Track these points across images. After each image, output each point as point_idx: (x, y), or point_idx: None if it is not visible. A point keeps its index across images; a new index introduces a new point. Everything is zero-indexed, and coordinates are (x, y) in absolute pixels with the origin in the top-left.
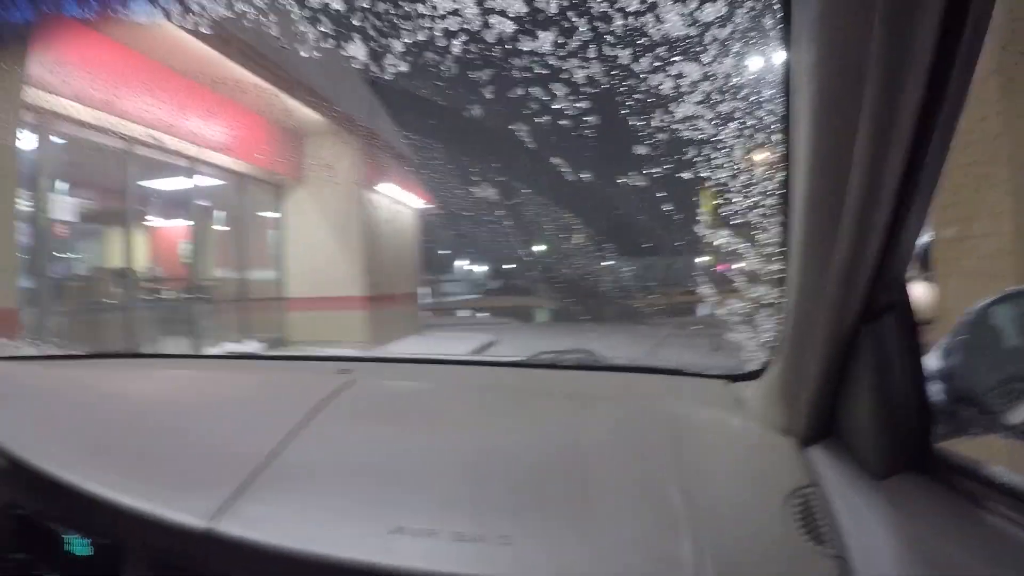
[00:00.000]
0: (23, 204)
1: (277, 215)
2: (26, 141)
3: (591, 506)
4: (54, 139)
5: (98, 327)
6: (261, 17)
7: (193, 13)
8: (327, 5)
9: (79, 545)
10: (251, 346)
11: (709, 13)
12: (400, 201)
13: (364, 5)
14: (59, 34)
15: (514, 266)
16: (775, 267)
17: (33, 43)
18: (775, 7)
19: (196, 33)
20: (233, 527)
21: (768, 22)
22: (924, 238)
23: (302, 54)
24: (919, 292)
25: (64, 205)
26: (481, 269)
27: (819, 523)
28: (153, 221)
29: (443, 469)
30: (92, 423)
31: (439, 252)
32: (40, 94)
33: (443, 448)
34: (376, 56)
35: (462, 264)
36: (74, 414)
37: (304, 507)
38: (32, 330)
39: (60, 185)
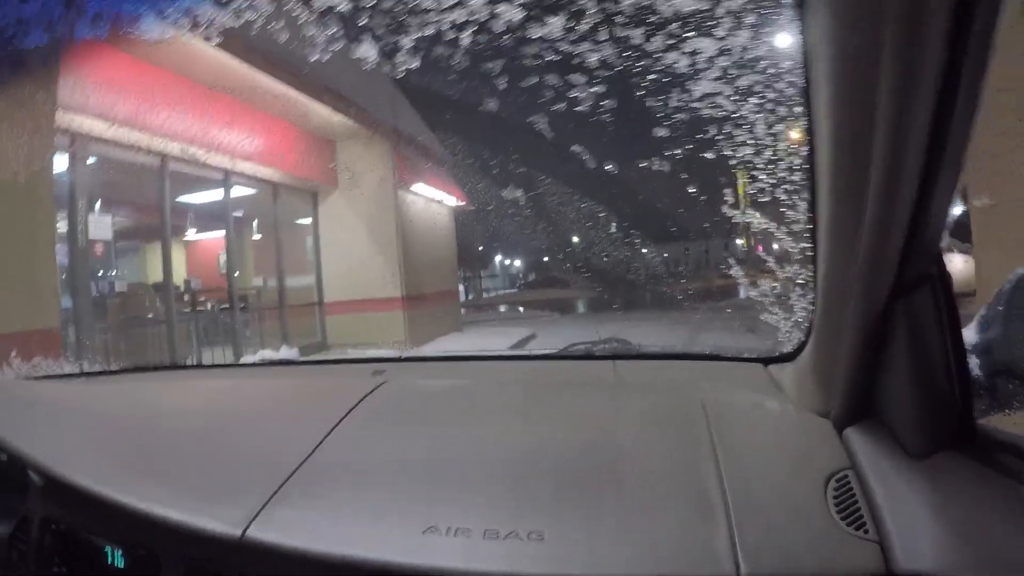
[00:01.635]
0: (60, 225)
1: (312, 221)
2: (60, 163)
3: (626, 499)
4: (88, 160)
5: (138, 342)
6: (282, 24)
7: (214, 25)
8: (336, 7)
9: (116, 557)
10: (290, 352)
11: None
12: (434, 199)
13: (370, 4)
14: (87, 56)
15: (550, 258)
16: (806, 245)
17: (63, 66)
18: None
19: (220, 45)
20: (266, 533)
21: None
22: (959, 208)
23: (326, 59)
24: (957, 263)
25: (100, 224)
26: (518, 263)
27: (858, 507)
28: (189, 234)
29: (475, 466)
30: (129, 437)
31: (476, 248)
32: (72, 116)
33: (475, 445)
34: (393, 54)
35: (499, 259)
36: (111, 428)
37: (337, 510)
38: (73, 348)
39: (96, 204)
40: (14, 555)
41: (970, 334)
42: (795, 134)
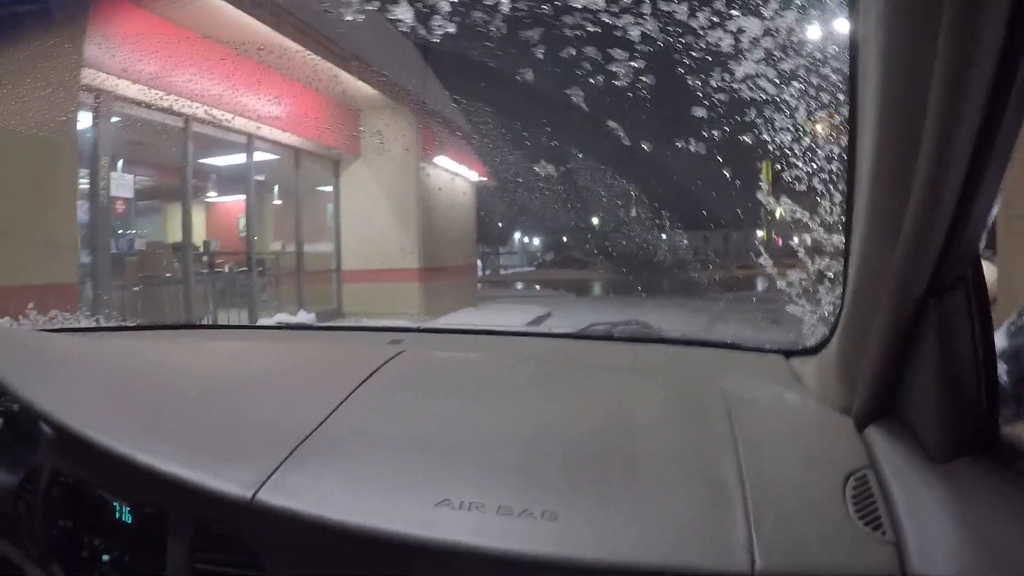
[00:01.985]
0: (83, 182)
1: (333, 189)
2: (85, 120)
3: (642, 482)
4: (112, 118)
5: (155, 300)
6: None
7: None
8: None
9: (124, 512)
10: (307, 317)
11: None
12: (456, 173)
13: None
14: (115, 12)
15: (570, 237)
16: (838, 238)
17: (90, 21)
18: None
19: (246, 7)
20: (277, 497)
21: None
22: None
23: (354, 25)
24: (987, 269)
25: (122, 182)
26: (537, 240)
27: (876, 507)
28: (210, 196)
29: (491, 441)
30: (142, 394)
31: (496, 224)
32: (97, 74)
33: (491, 420)
34: (422, 18)
35: (518, 235)
36: (125, 385)
37: (349, 478)
38: (90, 304)
39: (119, 163)
40: (21, 506)
41: (1000, 339)
42: (835, 122)
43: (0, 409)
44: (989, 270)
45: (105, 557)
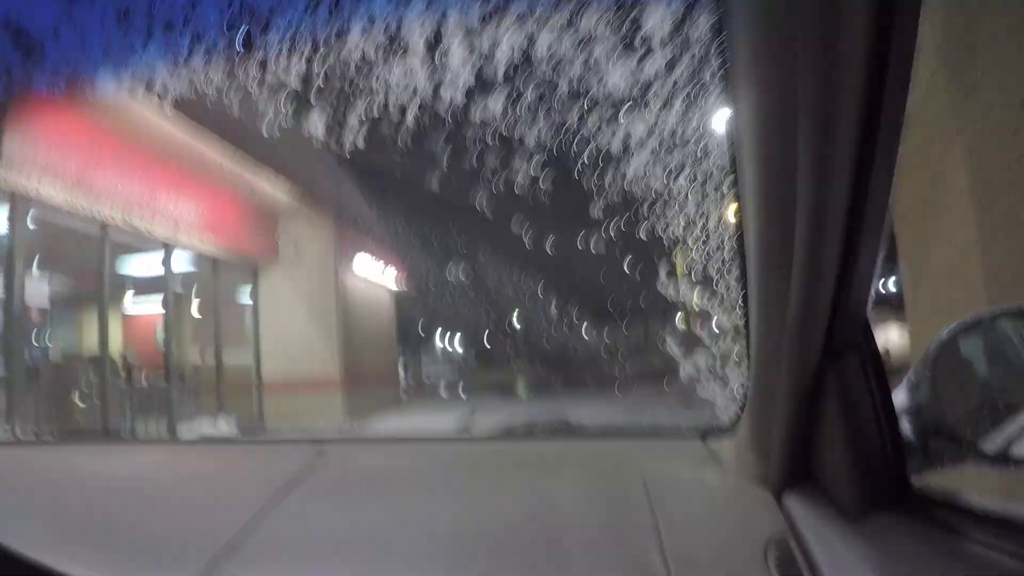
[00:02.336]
0: None
1: (252, 297)
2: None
3: (568, 571)
4: (27, 221)
5: (71, 413)
6: (232, 97)
7: (166, 94)
8: (285, 83)
9: None
10: (227, 429)
11: (648, 69)
12: (374, 280)
13: (320, 85)
14: (35, 112)
15: (489, 340)
16: (738, 320)
17: (8, 119)
18: (713, 61)
19: (168, 112)
20: None
21: (707, 75)
22: (887, 279)
23: (273, 133)
24: (893, 336)
25: (38, 289)
26: (459, 344)
27: (799, 570)
28: (127, 307)
29: (416, 542)
30: (64, 505)
31: (416, 330)
32: (14, 174)
33: (418, 521)
34: (334, 131)
35: (439, 341)
36: (45, 496)
37: None
38: (4, 415)
39: (33, 269)
40: None
41: (900, 396)
42: (724, 211)
43: None
44: (903, 335)
45: None
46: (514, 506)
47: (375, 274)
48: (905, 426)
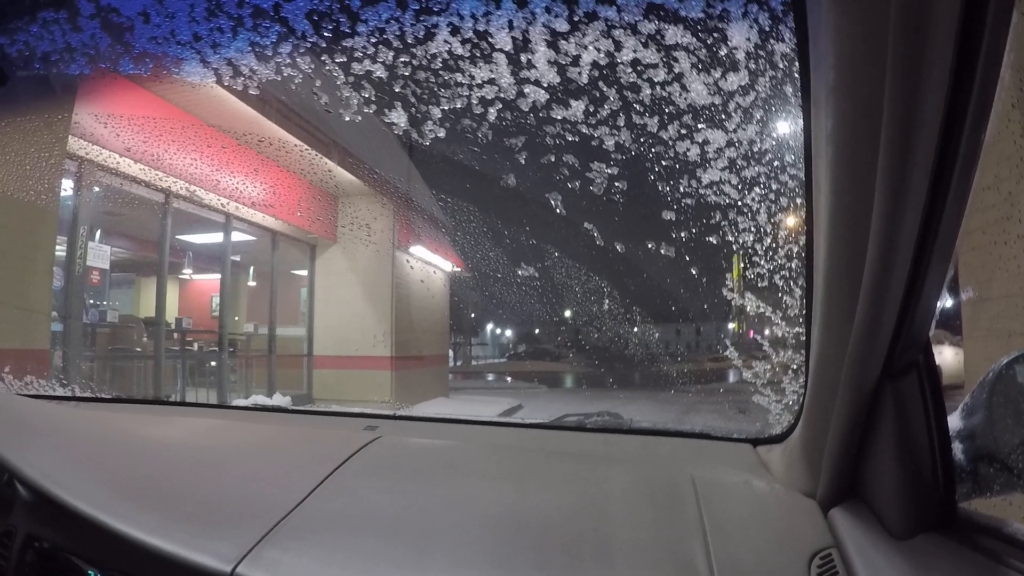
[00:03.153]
0: (60, 249)
1: (308, 272)
2: (68, 188)
3: (612, 565)
4: (94, 188)
5: (124, 373)
6: (305, 81)
7: (240, 75)
8: (369, 72)
9: None
10: (280, 400)
11: (732, 82)
12: (432, 263)
13: (405, 73)
14: (105, 86)
15: (542, 330)
16: (799, 330)
17: (80, 92)
18: (795, 77)
19: (235, 92)
20: (256, 573)
21: (788, 91)
22: (949, 299)
23: (344, 118)
24: (947, 355)
25: (99, 252)
26: (510, 332)
27: None
28: (185, 273)
29: (466, 525)
30: (122, 464)
31: (469, 314)
32: (83, 144)
33: (466, 505)
34: (415, 122)
35: (492, 327)
36: (104, 454)
37: (327, 557)
38: (62, 371)
39: (96, 233)
40: None
41: (955, 420)
42: (794, 224)
43: None
44: (957, 355)
45: None
46: (562, 496)
47: (433, 258)
48: (957, 450)
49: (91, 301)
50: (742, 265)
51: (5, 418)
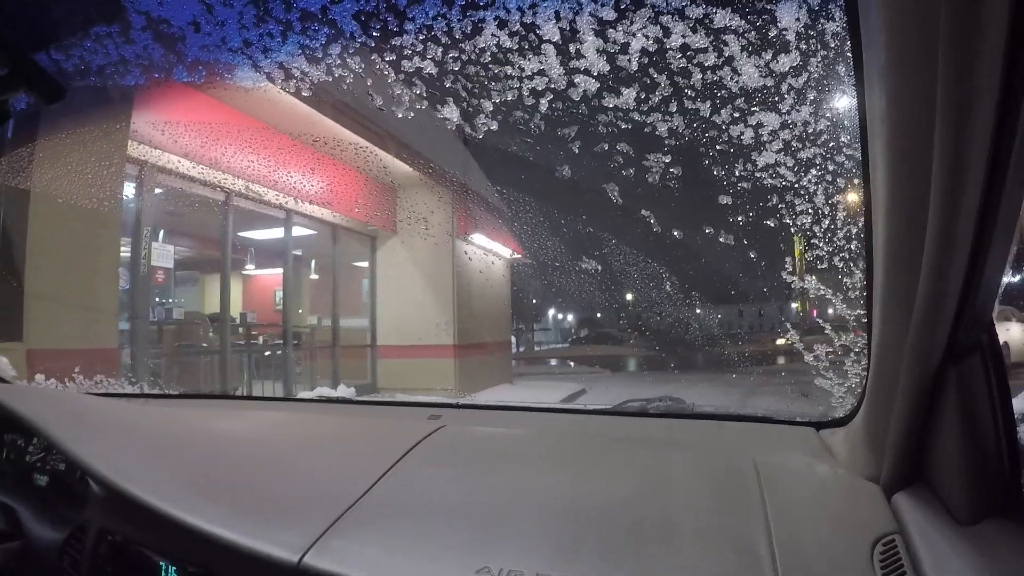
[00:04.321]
0: (125, 251)
1: (369, 264)
2: (129, 191)
3: (675, 553)
4: (155, 189)
5: (191, 369)
6: (357, 81)
7: (293, 77)
8: (420, 69)
9: (170, 573)
10: (345, 391)
11: (784, 63)
12: (491, 251)
13: (455, 68)
14: (162, 90)
15: (603, 315)
16: (860, 312)
17: (139, 97)
18: (847, 56)
19: (294, 94)
20: (323, 562)
21: (842, 70)
22: (1015, 277)
23: (397, 115)
24: (1015, 332)
25: (163, 252)
26: (571, 317)
27: (904, 571)
28: (248, 269)
29: (530, 513)
30: (190, 458)
31: (530, 301)
32: (145, 148)
33: (530, 492)
34: (467, 116)
35: (553, 313)
36: (172, 449)
37: (392, 546)
38: (128, 369)
39: (159, 233)
40: (66, 561)
41: (1020, 402)
42: (853, 204)
43: (48, 467)
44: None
45: None
46: (625, 483)
47: (493, 246)
48: (1022, 434)
49: (157, 299)
50: (801, 247)
51: (76, 417)
